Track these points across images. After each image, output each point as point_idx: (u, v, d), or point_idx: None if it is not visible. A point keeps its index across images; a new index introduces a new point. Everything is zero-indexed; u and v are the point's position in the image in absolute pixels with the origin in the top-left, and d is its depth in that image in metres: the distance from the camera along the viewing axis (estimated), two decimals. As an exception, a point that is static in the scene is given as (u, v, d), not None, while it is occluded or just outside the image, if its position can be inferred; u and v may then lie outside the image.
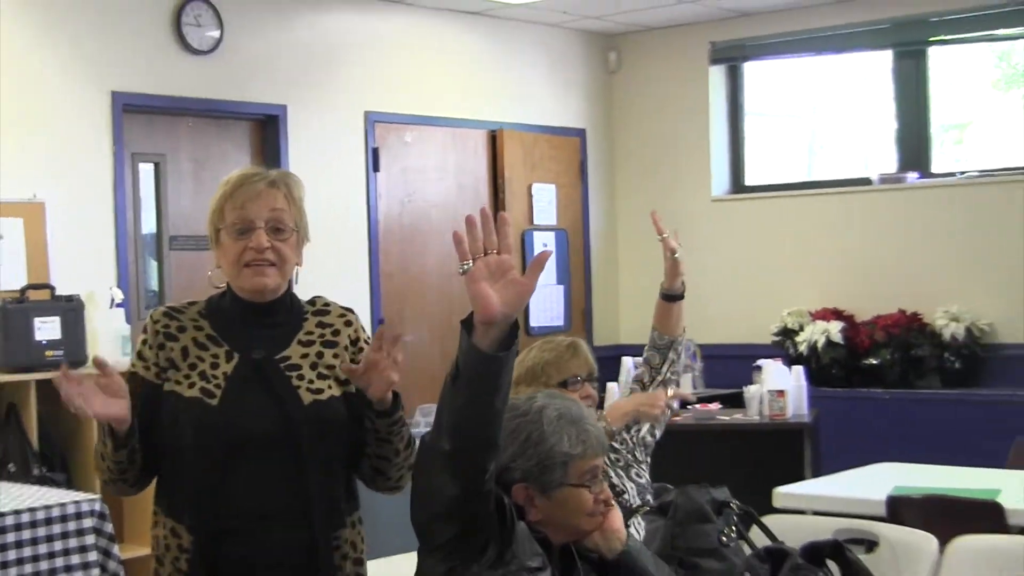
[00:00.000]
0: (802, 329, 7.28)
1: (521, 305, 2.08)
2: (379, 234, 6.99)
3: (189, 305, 2.59)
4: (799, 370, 6.36)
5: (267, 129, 6.57)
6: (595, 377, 3.40)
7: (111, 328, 5.51)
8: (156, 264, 6.15)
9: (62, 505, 3.89)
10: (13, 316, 5.18)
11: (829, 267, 7.50)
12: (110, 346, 5.46)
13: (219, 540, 2.44)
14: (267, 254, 2.48)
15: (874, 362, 7.08)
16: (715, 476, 3.20)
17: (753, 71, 8.07)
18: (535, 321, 7.48)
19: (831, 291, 7.43)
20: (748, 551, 2.94)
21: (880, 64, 7.59)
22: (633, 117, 8.24)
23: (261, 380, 2.48)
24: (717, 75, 7.98)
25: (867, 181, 7.49)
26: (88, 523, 3.92)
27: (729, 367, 6.94)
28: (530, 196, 7.72)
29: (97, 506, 3.96)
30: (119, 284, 5.76)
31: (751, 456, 6.06)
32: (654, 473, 3.57)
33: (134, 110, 6.00)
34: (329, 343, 2.57)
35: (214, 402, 2.46)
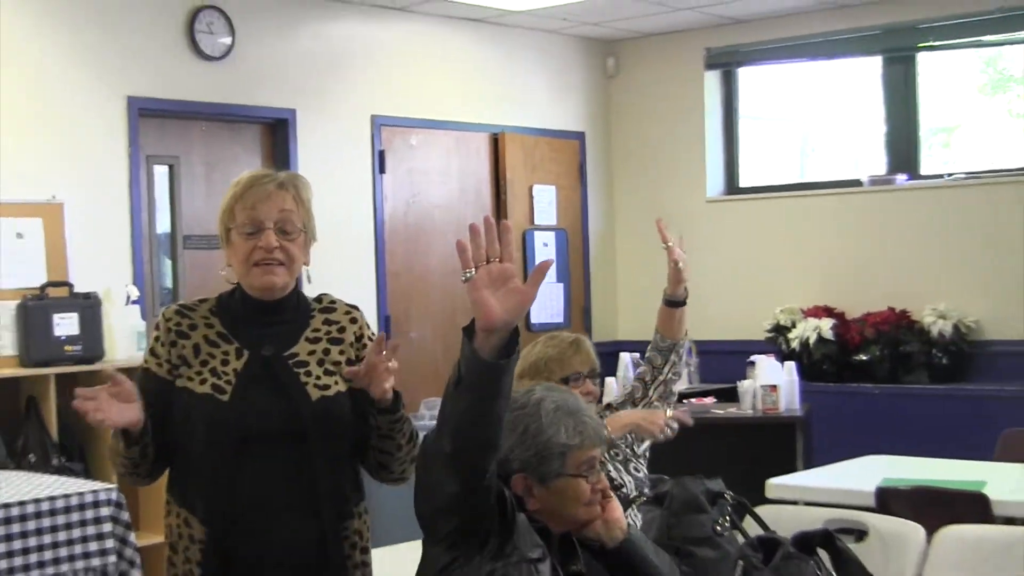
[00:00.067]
0: (794, 326, 7.28)
1: (522, 313, 2.07)
2: (385, 234, 6.99)
3: (200, 303, 2.59)
4: (791, 366, 6.36)
5: (277, 133, 6.56)
6: (597, 373, 3.39)
7: (127, 324, 5.52)
8: (170, 262, 6.15)
9: (80, 494, 3.91)
10: (33, 313, 5.20)
11: (820, 266, 7.49)
12: (126, 341, 5.48)
13: (231, 531, 2.44)
14: (276, 254, 2.48)
15: (864, 358, 7.07)
16: (710, 468, 3.20)
17: (747, 76, 8.06)
18: (536, 318, 7.47)
19: (822, 289, 7.42)
20: (741, 540, 2.94)
21: (870, 69, 7.58)
22: (631, 120, 8.23)
23: (270, 376, 2.48)
24: (712, 80, 7.97)
25: (857, 183, 7.48)
26: (105, 511, 3.94)
27: (724, 363, 6.94)
28: (531, 197, 7.72)
29: (114, 495, 3.98)
30: (135, 282, 5.77)
31: (745, 449, 6.05)
32: (651, 465, 3.56)
33: (149, 114, 6.00)
34: (335, 340, 2.56)
35: (225, 398, 2.46)
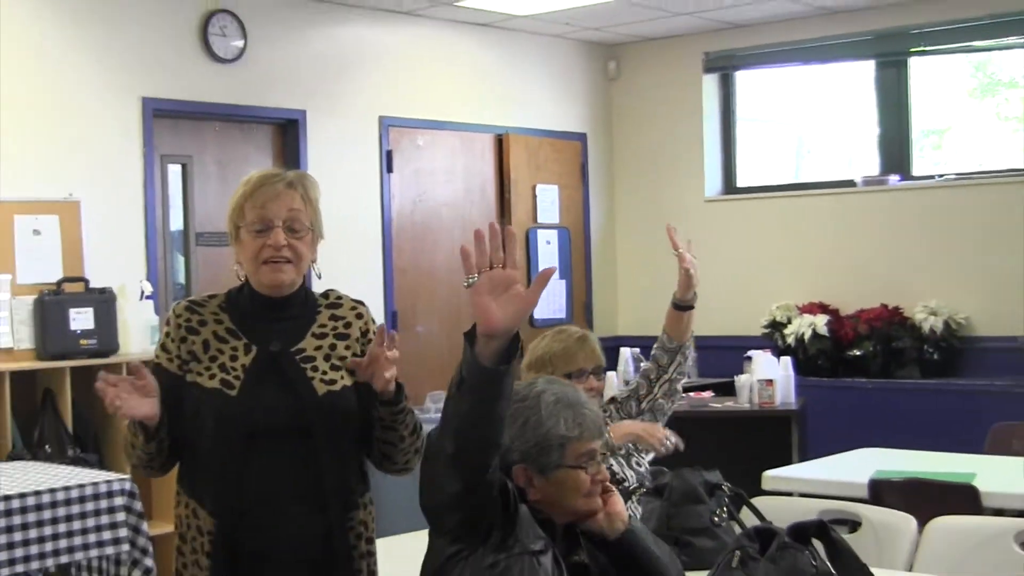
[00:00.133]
0: (790, 322, 7.26)
1: (522, 319, 2.06)
2: (392, 232, 6.98)
3: (210, 298, 2.58)
4: (787, 361, 6.36)
5: (287, 133, 6.55)
6: (603, 370, 3.35)
7: (141, 319, 5.52)
8: (183, 259, 6.15)
9: (94, 484, 3.90)
10: (50, 307, 5.20)
11: (815, 264, 7.48)
12: (139, 336, 5.48)
13: (239, 523, 2.43)
14: (284, 251, 2.47)
15: (858, 353, 7.06)
16: (708, 460, 3.19)
17: (744, 79, 8.05)
18: (539, 313, 7.46)
19: (817, 286, 7.41)
20: (738, 530, 2.93)
21: (863, 73, 7.56)
22: (631, 122, 8.22)
23: (277, 372, 2.47)
24: (710, 83, 7.96)
25: (851, 183, 7.46)
26: (119, 501, 3.93)
27: (721, 358, 6.93)
28: (534, 196, 7.71)
29: (127, 485, 3.97)
30: (148, 278, 5.76)
31: (742, 441, 6.05)
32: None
33: (163, 115, 5.99)
34: (341, 335, 2.55)
35: (233, 393, 2.45)
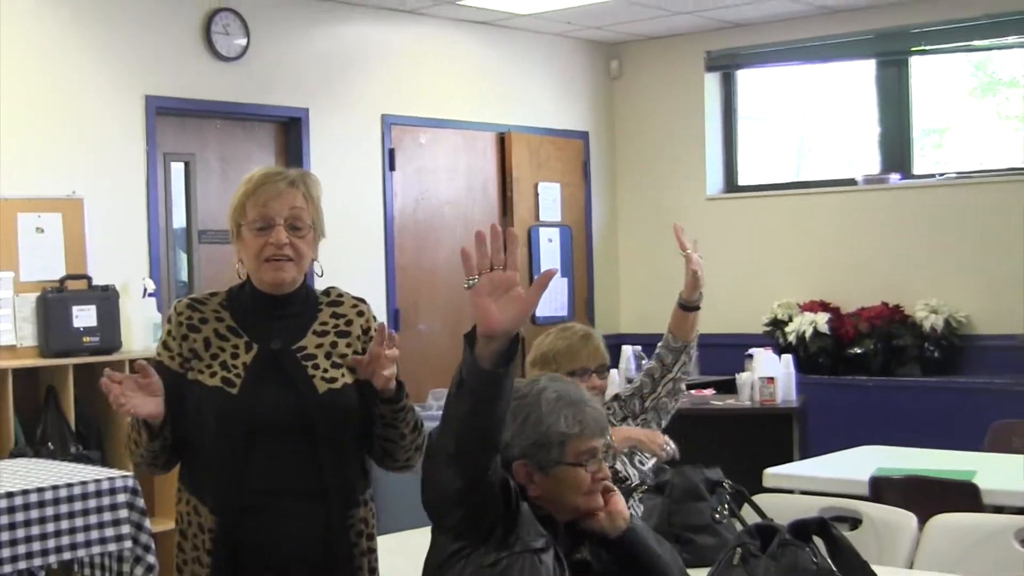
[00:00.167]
0: (791, 320, 7.25)
1: (522, 321, 2.04)
2: (394, 230, 6.96)
3: (211, 296, 2.56)
4: (788, 358, 6.34)
5: (290, 131, 6.54)
6: (606, 368, 3.32)
7: (143, 316, 5.52)
8: (186, 256, 6.14)
9: (97, 481, 3.89)
10: (53, 305, 5.19)
11: (816, 262, 7.47)
12: (142, 333, 5.47)
13: (239, 521, 2.42)
14: (286, 250, 2.45)
15: (858, 351, 7.05)
16: (709, 457, 3.18)
17: (746, 78, 8.03)
18: (541, 311, 7.44)
19: (818, 284, 7.40)
20: (739, 527, 2.91)
21: (864, 72, 7.55)
22: (633, 121, 8.21)
23: (278, 370, 2.46)
24: (712, 82, 7.95)
25: (852, 182, 7.45)
26: (121, 498, 3.92)
27: (722, 355, 6.91)
28: (536, 194, 7.70)
29: (130, 482, 3.96)
30: (151, 275, 5.75)
31: (743, 439, 6.04)
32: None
33: (166, 113, 5.98)
34: (342, 333, 2.54)
35: (234, 391, 2.43)
